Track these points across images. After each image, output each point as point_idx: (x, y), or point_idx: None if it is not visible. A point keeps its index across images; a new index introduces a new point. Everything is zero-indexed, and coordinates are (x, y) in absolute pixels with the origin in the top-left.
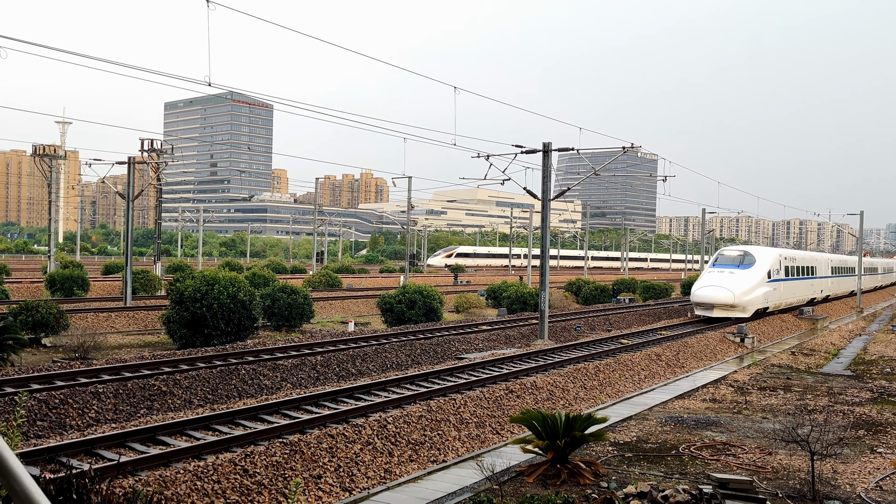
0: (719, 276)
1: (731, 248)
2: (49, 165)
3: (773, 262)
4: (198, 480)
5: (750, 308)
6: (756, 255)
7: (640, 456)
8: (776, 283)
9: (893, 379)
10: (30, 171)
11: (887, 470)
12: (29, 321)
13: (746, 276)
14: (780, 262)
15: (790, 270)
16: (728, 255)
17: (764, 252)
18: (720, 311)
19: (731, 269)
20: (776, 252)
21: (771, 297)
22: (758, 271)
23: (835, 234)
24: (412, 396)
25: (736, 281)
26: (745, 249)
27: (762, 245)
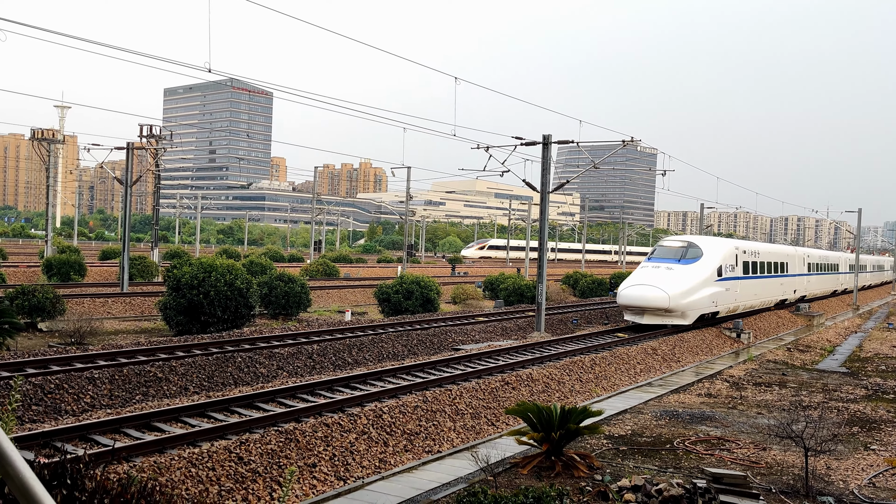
0: (653, 273)
1: (672, 238)
2: (47, 150)
3: (725, 256)
4: (192, 467)
5: (691, 313)
6: (704, 248)
7: (634, 449)
8: (730, 281)
9: (888, 376)
10: (28, 155)
11: (881, 467)
12: (25, 306)
13: (688, 273)
14: (735, 256)
15: (752, 267)
16: (668, 247)
17: (714, 244)
18: (652, 316)
19: (669, 265)
20: (730, 244)
21: (722, 298)
22: (704, 267)
23: (833, 231)
24: (408, 387)
25: (674, 279)
26: (689, 240)
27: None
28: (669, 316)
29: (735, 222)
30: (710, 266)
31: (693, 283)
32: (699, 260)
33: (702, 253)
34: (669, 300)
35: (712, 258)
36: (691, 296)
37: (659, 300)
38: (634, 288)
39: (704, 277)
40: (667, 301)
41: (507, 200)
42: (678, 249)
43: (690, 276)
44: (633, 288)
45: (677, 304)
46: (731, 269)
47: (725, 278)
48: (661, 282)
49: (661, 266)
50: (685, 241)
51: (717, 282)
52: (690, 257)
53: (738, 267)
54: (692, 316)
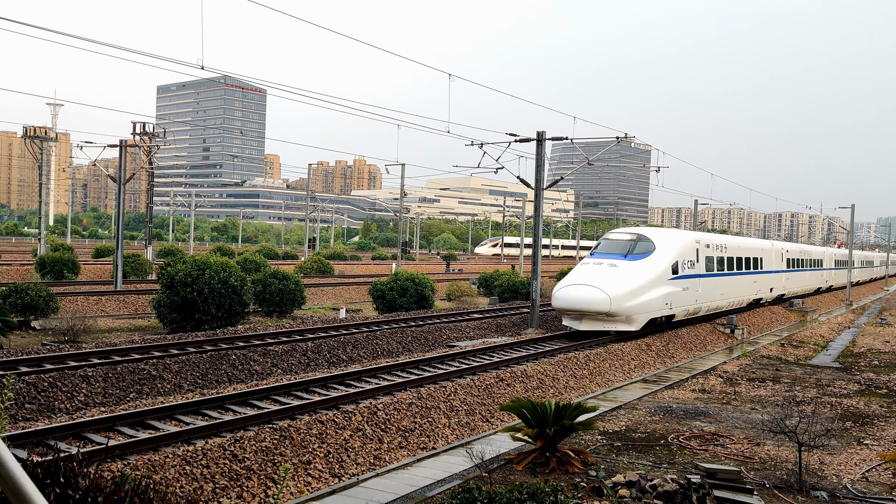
0: (594, 271)
1: (619, 230)
2: (40, 147)
3: (682, 251)
4: (187, 465)
5: (638, 317)
6: (656, 241)
7: (628, 445)
8: (689, 280)
9: (881, 371)
10: (20, 152)
11: (874, 461)
12: (18, 304)
13: (635, 271)
14: (696, 250)
15: (717, 263)
16: (614, 241)
17: (669, 237)
18: (591, 321)
19: (613, 261)
20: (689, 237)
21: (679, 299)
22: (655, 263)
23: (826, 228)
24: (403, 384)
25: (617, 277)
26: (639, 232)
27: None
28: (612, 321)
29: (729, 219)
30: (663, 262)
31: (640, 282)
32: (650, 255)
33: (653, 247)
34: (611, 302)
35: (666, 253)
36: (638, 297)
37: (598, 302)
38: (570, 289)
39: (655, 275)
40: (607, 303)
41: (502, 197)
42: (625, 243)
43: (638, 274)
44: (569, 289)
45: (620, 306)
46: (689, 266)
47: (682, 276)
48: (601, 281)
49: (604, 263)
50: (634, 234)
51: (672, 280)
52: (639, 252)
53: (699, 263)
54: (640, 320)
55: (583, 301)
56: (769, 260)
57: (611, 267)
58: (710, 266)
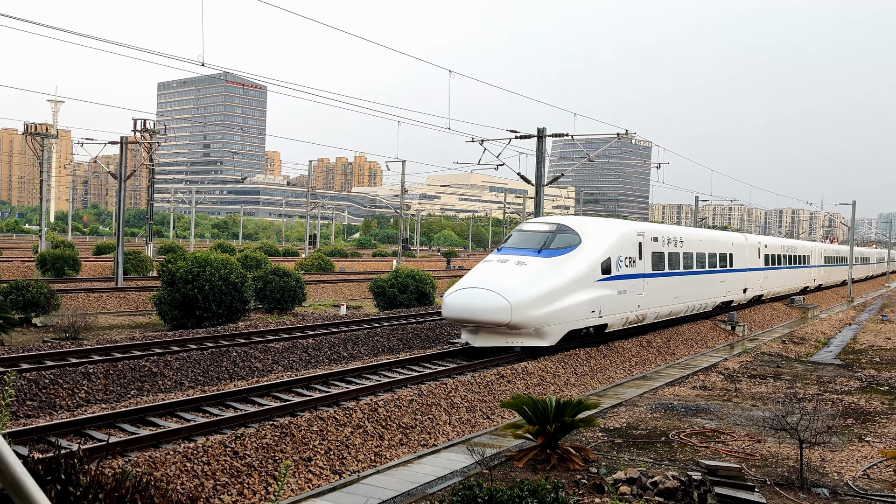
0: (496, 271)
1: (536, 220)
2: (40, 144)
3: (617, 246)
4: (188, 462)
5: (552, 328)
6: (582, 232)
7: (629, 442)
8: (626, 281)
9: (882, 368)
10: (21, 149)
11: (875, 458)
12: (19, 301)
13: (549, 270)
14: (637, 244)
15: (669, 260)
16: (527, 233)
17: (599, 228)
18: (489, 335)
19: (522, 257)
20: (628, 228)
21: (611, 305)
22: (578, 261)
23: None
24: (403, 380)
25: (523, 278)
26: (561, 222)
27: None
28: (515, 334)
29: (730, 215)
30: (589, 259)
31: (554, 284)
32: (572, 251)
33: (578, 240)
34: (511, 311)
35: (594, 248)
36: (551, 303)
37: (495, 311)
38: (461, 294)
39: (577, 275)
40: (507, 312)
41: (502, 194)
42: (540, 236)
43: (551, 274)
44: (460, 294)
45: (524, 316)
46: (628, 264)
47: (618, 276)
48: (502, 283)
49: (511, 260)
50: (553, 224)
51: (603, 282)
52: (558, 247)
53: (643, 260)
54: (554, 333)
55: (476, 309)
56: (742, 256)
57: (518, 265)
58: (660, 263)
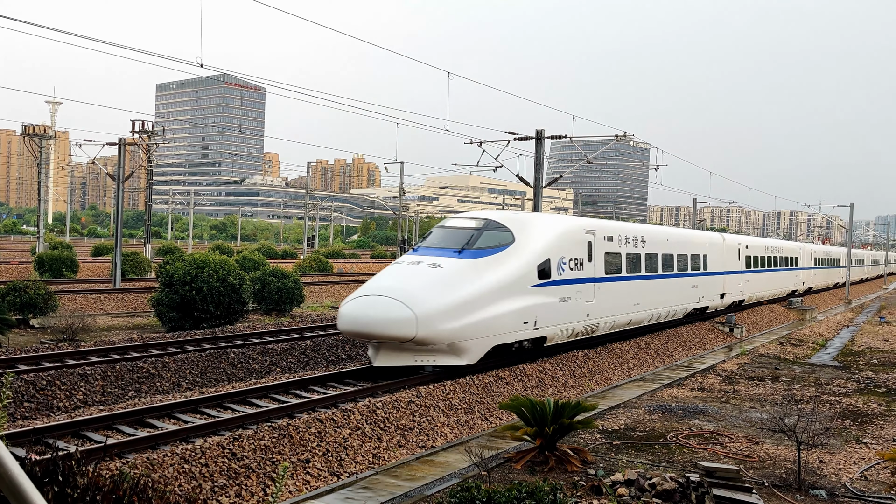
0: (405, 274)
1: (462, 215)
2: (39, 145)
3: (559, 245)
4: (185, 463)
5: (472, 344)
6: (515, 230)
7: (628, 444)
8: (570, 287)
9: (880, 370)
10: (19, 150)
11: (872, 460)
12: (17, 302)
13: (470, 273)
14: (586, 244)
15: (625, 262)
16: (449, 230)
17: (536, 224)
18: (392, 353)
19: (440, 258)
20: (573, 225)
21: (551, 314)
22: (508, 263)
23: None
24: (402, 382)
25: (435, 284)
26: (489, 217)
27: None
28: (425, 351)
29: (728, 217)
30: (522, 260)
31: (476, 291)
32: (501, 250)
33: (510, 239)
34: (417, 323)
35: (529, 247)
36: (470, 313)
37: (396, 324)
38: (358, 303)
39: (506, 280)
40: (411, 325)
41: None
42: (463, 233)
43: (472, 279)
44: (356, 303)
45: (434, 329)
46: (574, 266)
47: (559, 281)
48: (407, 290)
49: (424, 262)
50: (480, 220)
51: (540, 287)
52: (484, 246)
53: (593, 262)
54: (475, 349)
55: (373, 322)
56: (718, 257)
57: (431, 268)
58: (616, 266)
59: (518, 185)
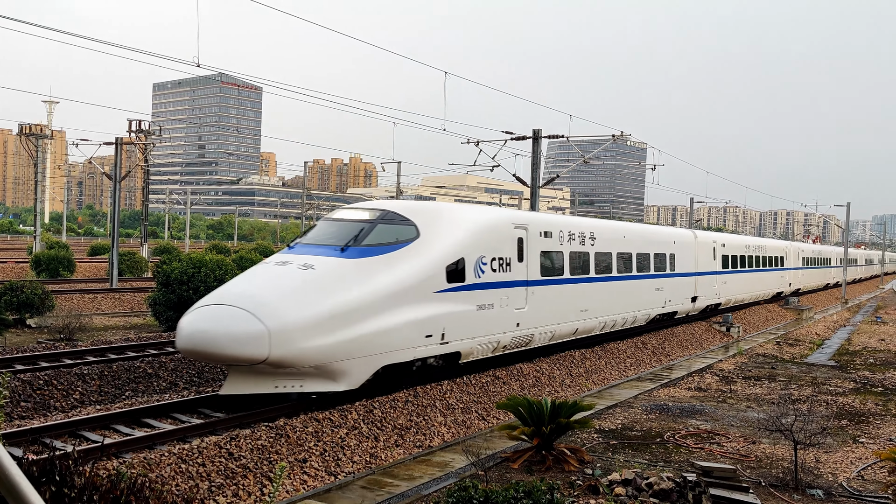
0: (266, 277)
1: (357, 205)
2: (35, 145)
3: (479, 241)
4: (182, 463)
5: (350, 367)
6: (421, 222)
7: (625, 443)
8: (497, 291)
9: (876, 370)
10: (15, 150)
11: (869, 460)
12: (13, 302)
13: (350, 276)
14: (515, 241)
15: (568, 262)
16: (337, 222)
17: (450, 217)
18: (243, 377)
19: (316, 257)
20: (502, 218)
21: (464, 325)
22: (408, 263)
23: (822, 225)
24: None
25: (300, 289)
26: (388, 208)
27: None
28: (287, 375)
29: (725, 217)
30: (426, 259)
31: (357, 298)
32: (400, 248)
33: (413, 233)
34: (270, 340)
35: (437, 244)
36: (348, 326)
37: (241, 341)
38: (197, 315)
39: (402, 284)
40: (262, 342)
41: (498, 195)
42: (352, 227)
43: (354, 283)
44: (196, 314)
45: (295, 347)
46: (500, 267)
47: (478, 285)
48: (260, 297)
49: (295, 262)
50: (376, 211)
51: (451, 293)
52: (378, 242)
53: (525, 262)
54: (355, 371)
55: (211, 338)
56: (688, 257)
57: (302, 270)
58: (556, 266)
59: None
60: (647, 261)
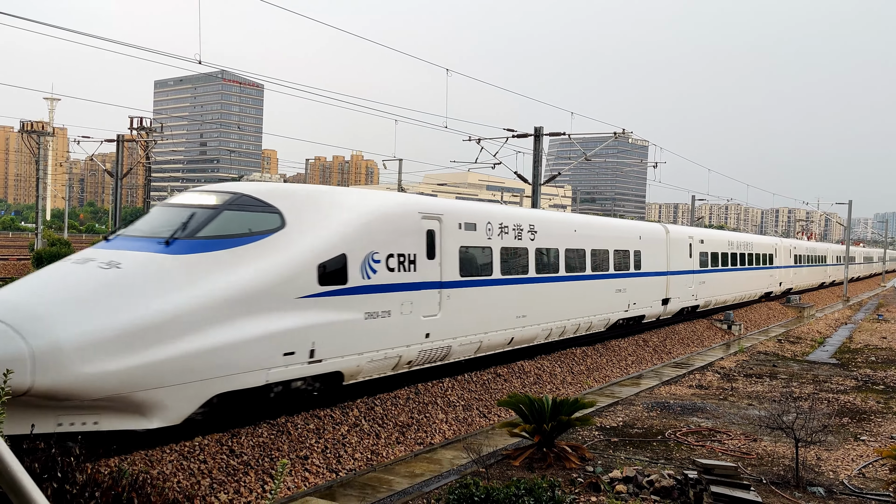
0: (55, 277)
1: (203, 188)
2: (37, 142)
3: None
4: (184, 460)
5: (164, 397)
6: (287, 208)
7: (626, 441)
8: (394, 295)
9: (878, 367)
10: (17, 147)
11: (871, 457)
12: None
13: (173, 278)
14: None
15: (499, 260)
16: (173, 208)
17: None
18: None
19: (129, 253)
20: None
21: (345, 338)
22: (263, 259)
23: (823, 223)
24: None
25: (94, 294)
26: (241, 190)
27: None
28: (76, 409)
29: (726, 214)
30: (287, 256)
31: (175, 307)
32: (254, 241)
33: (277, 223)
34: (33, 364)
35: (307, 236)
36: (160, 344)
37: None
38: None
39: (250, 288)
40: (22, 367)
41: (499, 193)
42: (189, 214)
43: (174, 287)
44: None
45: (72, 373)
46: (400, 266)
47: (364, 288)
48: (25, 306)
49: (99, 258)
50: (226, 194)
51: (322, 298)
52: (220, 234)
53: (436, 259)
54: (176, 402)
55: None
56: (658, 254)
57: (104, 269)
58: (482, 265)
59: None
60: (605, 258)
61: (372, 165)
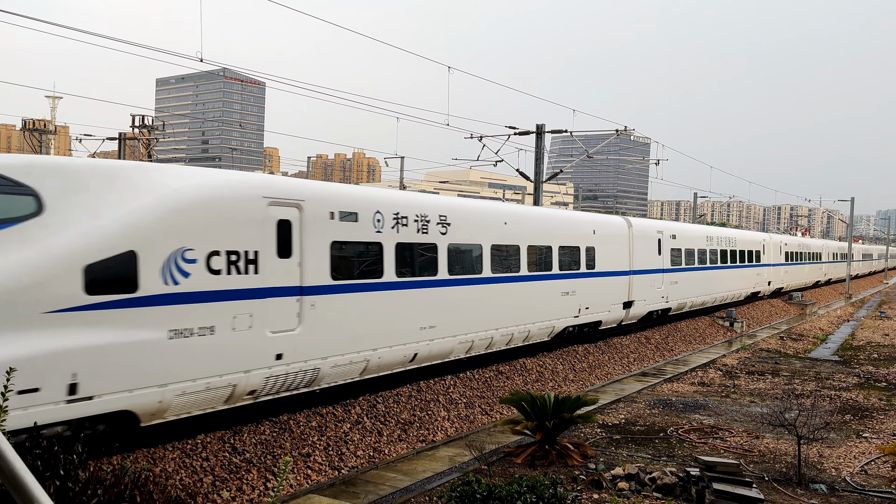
0: None
1: None
2: (39, 140)
3: (172, 223)
4: (186, 458)
5: None
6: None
7: (628, 438)
8: (221, 307)
9: (880, 364)
10: (19, 145)
11: (872, 454)
12: None
13: None
14: (264, 223)
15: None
16: None
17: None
18: None
19: None
20: (234, 185)
21: (130, 363)
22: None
23: (826, 221)
24: (401, 375)
25: None
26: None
27: None
28: None
29: (728, 211)
30: (36, 255)
31: None
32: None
33: (32, 208)
34: None
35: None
36: None
37: None
38: None
39: None
40: None
41: (501, 190)
42: None
43: None
44: None
45: None
46: (230, 267)
47: (168, 297)
48: None
49: None
50: None
51: (91, 311)
52: None
53: (294, 257)
54: None
55: None
56: (621, 252)
57: None
58: (365, 264)
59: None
60: (547, 256)
61: (374, 163)
